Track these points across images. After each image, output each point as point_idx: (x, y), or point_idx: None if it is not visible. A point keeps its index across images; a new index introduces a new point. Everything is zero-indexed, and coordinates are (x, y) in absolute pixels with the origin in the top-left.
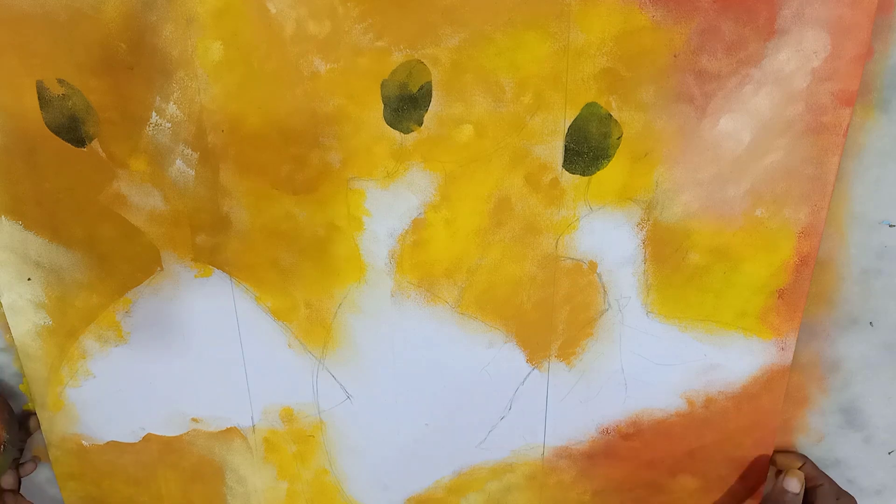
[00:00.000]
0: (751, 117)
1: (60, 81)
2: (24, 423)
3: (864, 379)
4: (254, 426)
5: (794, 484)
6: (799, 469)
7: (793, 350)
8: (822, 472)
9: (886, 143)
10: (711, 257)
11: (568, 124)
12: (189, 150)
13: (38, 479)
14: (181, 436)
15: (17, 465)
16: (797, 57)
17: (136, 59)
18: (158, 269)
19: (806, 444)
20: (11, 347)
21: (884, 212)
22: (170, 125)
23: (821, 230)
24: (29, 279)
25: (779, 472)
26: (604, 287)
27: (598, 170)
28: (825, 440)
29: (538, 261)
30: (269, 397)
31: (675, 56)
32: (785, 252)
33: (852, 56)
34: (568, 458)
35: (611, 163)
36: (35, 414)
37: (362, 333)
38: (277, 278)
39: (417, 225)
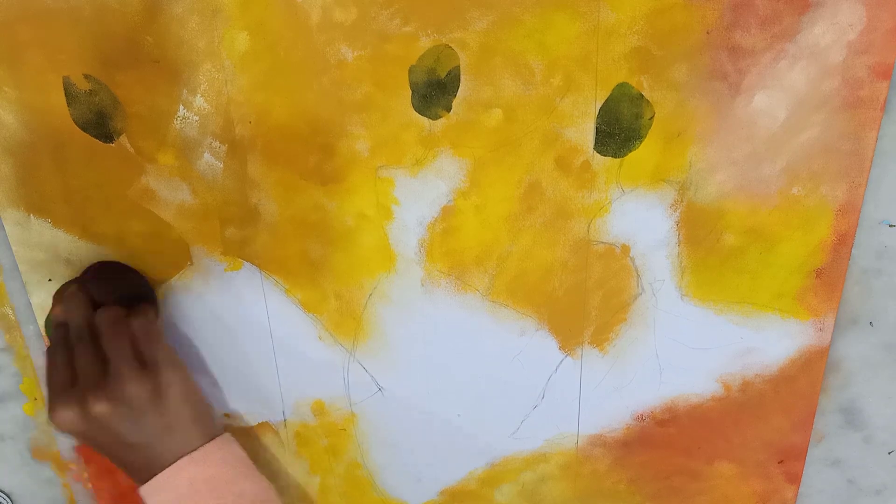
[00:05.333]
0: (786, 93)
1: (87, 77)
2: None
3: (864, 379)
4: (285, 420)
5: None
6: None
7: (831, 331)
8: None
9: (886, 143)
10: (747, 238)
11: (599, 106)
12: (217, 143)
13: (39, 479)
14: None
15: None
16: (832, 30)
17: (163, 52)
18: (188, 263)
19: None
20: (12, 347)
21: (884, 212)
22: (197, 118)
23: (859, 207)
24: (50, 280)
25: None
26: (637, 271)
27: (630, 151)
28: (825, 440)
29: (570, 246)
30: (301, 391)
31: (707, 33)
32: (822, 230)
33: (888, 28)
34: (602, 447)
35: (643, 144)
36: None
37: (392, 324)
38: (307, 270)
39: (447, 212)
